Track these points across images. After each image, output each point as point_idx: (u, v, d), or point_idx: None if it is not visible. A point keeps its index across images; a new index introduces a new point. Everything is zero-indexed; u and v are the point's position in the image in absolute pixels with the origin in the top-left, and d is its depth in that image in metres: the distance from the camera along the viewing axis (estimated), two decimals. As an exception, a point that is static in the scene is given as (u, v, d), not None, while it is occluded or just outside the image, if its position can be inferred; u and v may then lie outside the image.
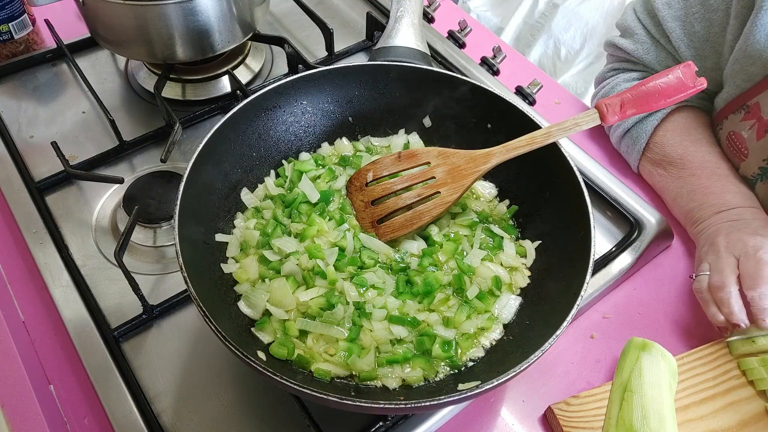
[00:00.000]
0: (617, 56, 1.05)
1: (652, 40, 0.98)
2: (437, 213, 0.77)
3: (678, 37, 0.93)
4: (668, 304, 0.89)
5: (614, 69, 1.06)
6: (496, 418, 0.77)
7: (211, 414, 0.74)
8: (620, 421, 0.68)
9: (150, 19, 0.92)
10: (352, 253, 0.75)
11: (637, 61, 1.01)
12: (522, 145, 0.74)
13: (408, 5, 1.07)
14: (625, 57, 1.03)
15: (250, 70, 1.14)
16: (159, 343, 0.80)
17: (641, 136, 0.97)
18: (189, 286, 0.61)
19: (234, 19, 1.00)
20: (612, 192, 0.95)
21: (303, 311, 0.71)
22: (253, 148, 0.82)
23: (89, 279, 0.84)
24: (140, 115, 1.08)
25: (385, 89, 0.86)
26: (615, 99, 0.72)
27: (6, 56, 1.13)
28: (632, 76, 1.02)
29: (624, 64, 1.04)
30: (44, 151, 0.99)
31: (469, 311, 0.71)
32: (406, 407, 0.56)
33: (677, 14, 0.93)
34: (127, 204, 0.90)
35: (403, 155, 0.80)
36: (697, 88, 0.71)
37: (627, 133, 1.00)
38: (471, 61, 1.14)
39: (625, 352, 0.75)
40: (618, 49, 1.03)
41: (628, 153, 1.01)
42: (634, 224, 0.92)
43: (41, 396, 0.72)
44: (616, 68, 1.06)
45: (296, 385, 0.56)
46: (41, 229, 0.88)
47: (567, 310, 0.61)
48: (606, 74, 1.07)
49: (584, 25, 2.38)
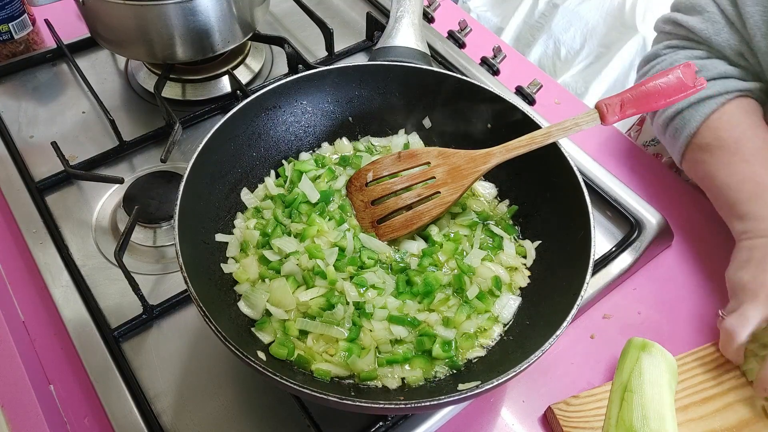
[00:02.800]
0: (677, 34, 0.97)
1: (725, 21, 0.89)
2: (437, 213, 0.77)
3: (755, 24, 0.86)
4: (668, 304, 0.89)
5: (671, 47, 0.97)
6: (496, 418, 0.77)
7: (211, 414, 0.74)
8: (620, 421, 0.68)
9: (150, 19, 0.92)
10: (352, 253, 0.75)
11: (701, 41, 0.92)
12: (522, 145, 0.74)
13: (408, 5, 1.07)
14: (686, 35, 0.94)
15: (250, 70, 1.14)
16: (159, 343, 0.80)
17: (694, 117, 0.89)
18: (189, 286, 0.61)
19: (234, 19, 1.00)
20: (612, 192, 0.95)
21: (303, 311, 0.71)
22: (253, 148, 0.82)
23: (89, 279, 0.84)
24: (140, 115, 1.08)
25: (385, 89, 0.86)
26: (615, 99, 0.72)
27: (6, 56, 1.13)
28: (695, 54, 0.94)
29: (684, 42, 0.96)
30: (44, 151, 0.99)
31: (469, 311, 0.72)
32: (406, 407, 0.56)
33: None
34: (127, 204, 0.90)
35: (403, 155, 0.80)
36: (697, 88, 0.71)
37: (678, 115, 0.91)
38: (471, 61, 1.14)
39: (625, 352, 0.75)
40: (679, 26, 0.94)
41: (676, 137, 0.92)
42: (634, 224, 0.92)
43: (41, 396, 0.72)
44: (673, 45, 0.97)
45: (296, 385, 0.56)
46: (41, 229, 0.88)
47: (567, 310, 0.61)
48: (661, 51, 0.98)
49: (584, 25, 2.38)
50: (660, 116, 0.95)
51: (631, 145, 1.10)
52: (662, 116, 0.94)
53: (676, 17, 0.96)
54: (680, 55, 0.95)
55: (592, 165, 0.99)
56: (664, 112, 0.93)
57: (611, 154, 1.07)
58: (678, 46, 0.96)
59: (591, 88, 2.37)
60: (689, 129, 0.89)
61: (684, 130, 0.90)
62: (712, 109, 0.87)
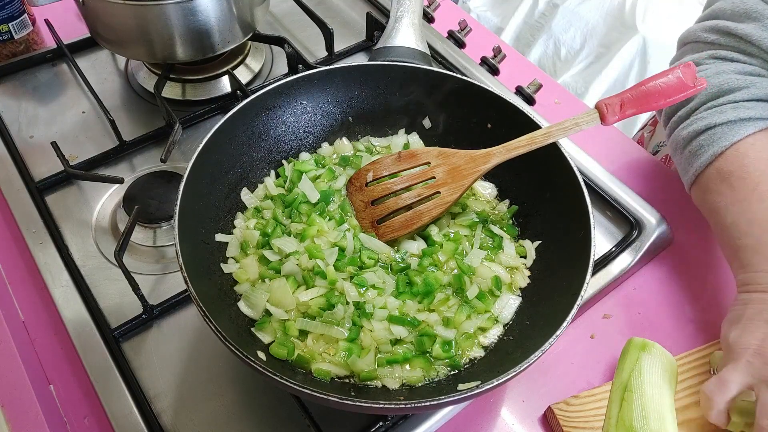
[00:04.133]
0: (725, 45, 0.84)
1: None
2: (437, 213, 0.77)
3: None
4: (668, 304, 0.89)
5: (718, 57, 0.85)
6: (496, 418, 0.77)
7: (211, 414, 0.74)
8: (620, 421, 0.68)
9: (150, 19, 0.92)
10: (352, 253, 0.75)
11: (759, 52, 0.81)
12: (522, 145, 0.74)
13: (408, 5, 1.07)
14: (737, 45, 0.83)
15: (250, 70, 1.14)
16: (159, 343, 0.80)
17: (726, 136, 0.78)
18: (189, 286, 0.61)
19: (234, 19, 1.00)
20: (612, 192, 0.95)
21: (303, 311, 0.71)
22: (253, 148, 0.82)
23: (89, 279, 0.84)
24: (140, 115, 1.08)
25: (385, 89, 0.86)
26: (615, 99, 0.72)
27: (6, 56, 1.13)
28: (747, 69, 0.82)
29: (735, 54, 0.84)
30: (44, 151, 0.99)
31: (469, 311, 0.72)
32: (406, 407, 0.56)
33: None
34: (127, 204, 0.90)
35: (403, 155, 0.80)
36: (697, 89, 0.71)
37: (709, 130, 0.80)
38: (471, 61, 1.14)
39: (625, 352, 0.75)
40: (730, 36, 0.83)
41: (697, 154, 0.81)
42: (634, 224, 0.92)
43: (41, 396, 0.72)
44: (720, 57, 0.84)
45: (296, 385, 0.56)
46: (41, 229, 0.88)
47: (567, 310, 0.61)
48: (704, 60, 0.86)
49: (584, 25, 2.38)
50: (685, 128, 0.84)
51: (632, 145, 1.10)
52: (687, 129, 0.83)
53: (726, 26, 0.83)
54: (727, 67, 0.83)
55: (592, 165, 0.99)
56: (691, 125, 0.83)
57: (611, 154, 1.06)
58: (726, 57, 0.84)
59: (591, 88, 2.37)
60: (716, 148, 0.79)
61: (710, 148, 0.80)
62: (748, 132, 0.78)
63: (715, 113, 0.80)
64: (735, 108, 0.79)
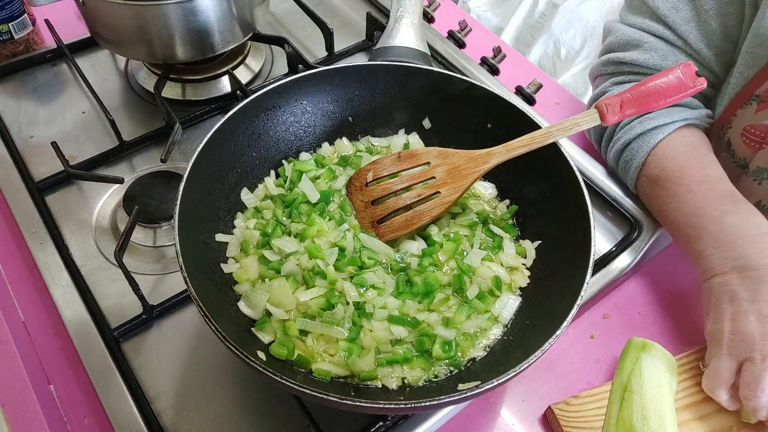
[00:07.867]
0: (620, 72, 0.97)
1: (666, 45, 0.91)
2: (437, 213, 0.77)
3: (696, 38, 0.88)
4: (668, 304, 0.89)
5: (618, 83, 0.96)
6: (496, 418, 0.77)
7: (211, 414, 0.74)
8: (620, 421, 0.68)
9: (150, 19, 0.92)
10: (352, 253, 0.75)
11: (650, 70, 0.92)
12: (522, 145, 0.74)
13: (408, 5, 1.07)
14: (631, 70, 0.95)
15: (250, 70, 1.14)
16: (159, 343, 0.80)
17: (642, 148, 0.89)
18: (189, 286, 0.61)
19: (234, 19, 1.00)
20: (612, 192, 0.95)
21: (303, 311, 0.71)
22: (253, 148, 0.82)
23: (89, 279, 0.84)
24: (140, 115, 1.08)
25: (385, 89, 0.86)
26: (615, 99, 0.72)
27: (6, 56, 1.13)
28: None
29: (631, 77, 0.95)
30: (44, 151, 0.99)
31: (469, 311, 0.72)
32: (406, 407, 0.56)
33: (687, 16, 0.88)
34: (127, 204, 0.90)
35: (403, 155, 0.80)
36: (697, 88, 0.71)
37: (627, 147, 0.91)
38: (471, 61, 1.14)
39: (625, 352, 0.75)
40: (622, 64, 0.95)
41: (626, 169, 0.92)
42: (634, 224, 0.92)
43: (41, 396, 0.72)
44: (620, 81, 0.96)
45: (296, 385, 0.56)
46: (41, 229, 0.88)
47: (567, 310, 0.61)
48: (608, 87, 0.97)
49: (584, 25, 2.38)
50: (611, 149, 0.95)
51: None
52: (613, 149, 0.94)
53: (616, 57, 0.95)
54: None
55: (592, 165, 0.99)
56: (614, 144, 0.93)
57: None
58: (623, 81, 0.95)
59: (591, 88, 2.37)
60: (638, 160, 0.89)
61: (633, 162, 0.90)
62: (658, 139, 0.88)
63: (627, 131, 0.91)
64: (641, 122, 0.90)
